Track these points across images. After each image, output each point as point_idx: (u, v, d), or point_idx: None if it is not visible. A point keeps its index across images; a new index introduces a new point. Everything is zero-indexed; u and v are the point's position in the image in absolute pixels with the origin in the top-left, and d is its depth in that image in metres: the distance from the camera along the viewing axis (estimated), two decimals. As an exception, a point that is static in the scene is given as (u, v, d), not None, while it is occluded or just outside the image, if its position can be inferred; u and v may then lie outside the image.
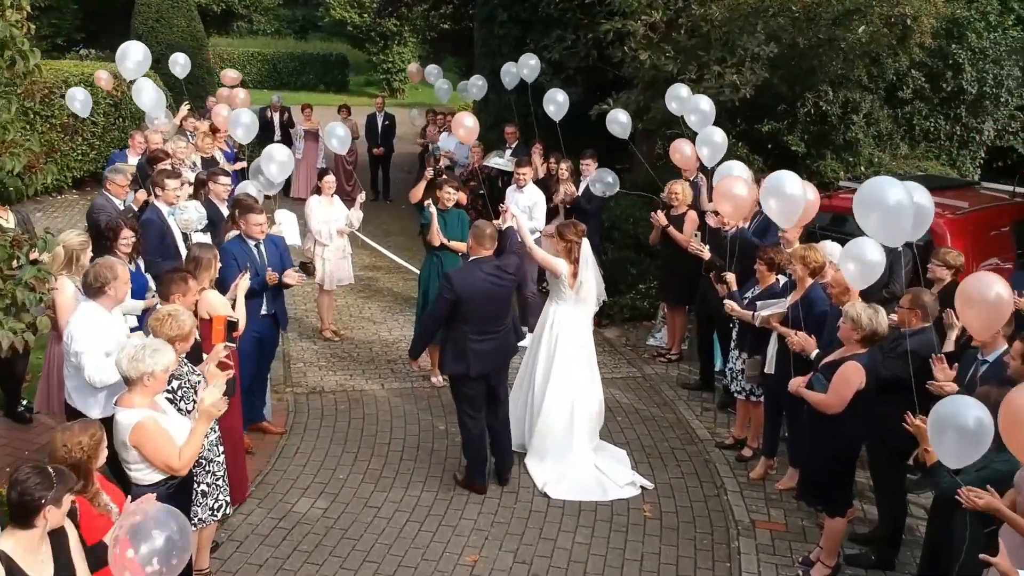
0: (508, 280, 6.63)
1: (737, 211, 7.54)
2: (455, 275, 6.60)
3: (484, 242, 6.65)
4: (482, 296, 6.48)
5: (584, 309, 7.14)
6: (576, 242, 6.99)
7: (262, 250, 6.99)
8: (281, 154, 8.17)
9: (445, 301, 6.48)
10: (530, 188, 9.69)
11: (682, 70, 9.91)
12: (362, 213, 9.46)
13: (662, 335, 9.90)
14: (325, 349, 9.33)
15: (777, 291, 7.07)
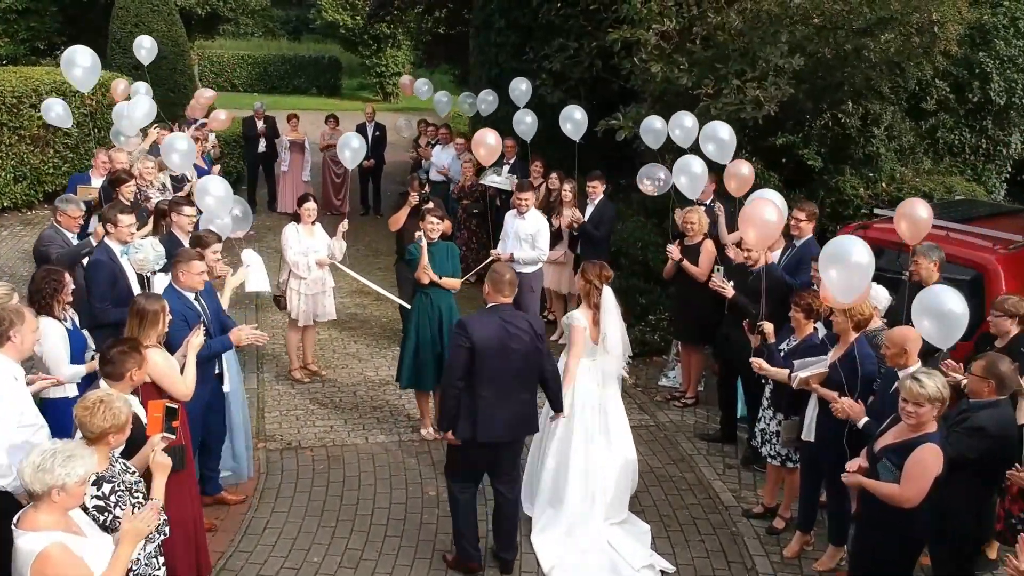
0: (528, 336, 5.63)
1: (762, 240, 6.70)
2: (471, 322, 5.66)
3: (503, 288, 5.70)
4: (498, 346, 5.54)
5: (608, 363, 6.27)
6: (597, 287, 6.14)
7: (203, 303, 6.03)
8: (218, 188, 7.25)
9: (462, 351, 5.51)
10: (532, 214, 8.81)
11: (697, 84, 9.03)
12: (345, 243, 8.57)
13: (675, 374, 9.03)
14: (304, 394, 8.43)
15: (816, 343, 6.20)
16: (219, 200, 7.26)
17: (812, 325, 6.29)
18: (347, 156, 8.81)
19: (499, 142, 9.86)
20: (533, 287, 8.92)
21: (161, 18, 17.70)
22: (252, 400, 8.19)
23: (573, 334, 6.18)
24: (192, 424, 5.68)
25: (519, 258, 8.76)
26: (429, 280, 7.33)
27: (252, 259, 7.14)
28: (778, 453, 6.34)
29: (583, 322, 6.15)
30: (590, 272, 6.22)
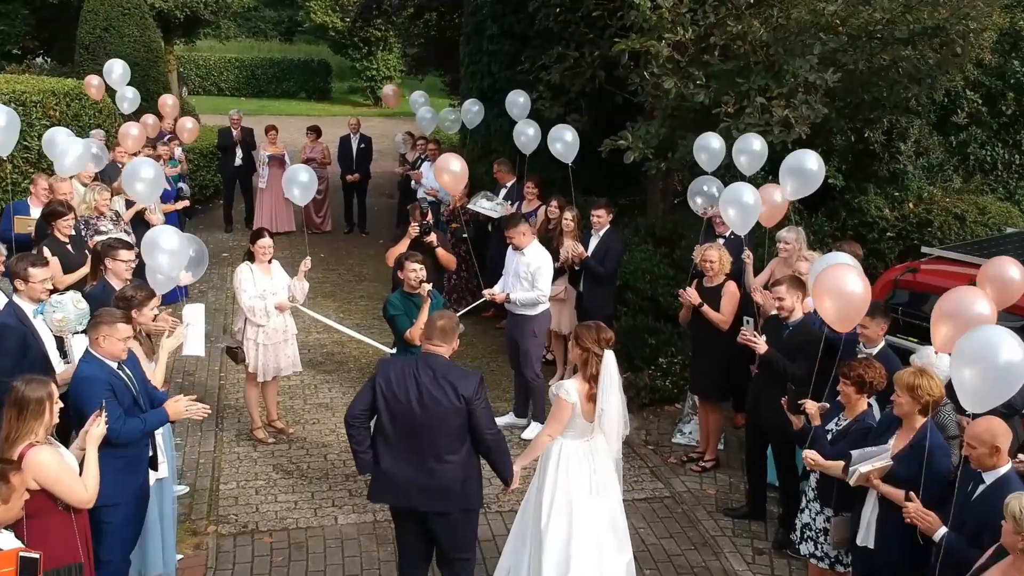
0: (447, 402, 4.72)
1: (845, 318, 5.34)
2: (388, 362, 5.03)
3: (432, 334, 4.87)
4: (403, 400, 4.74)
5: (604, 446, 5.21)
6: (596, 353, 5.06)
7: (128, 373, 4.93)
8: (170, 240, 6.11)
9: (367, 386, 4.86)
10: (534, 249, 7.73)
11: (716, 101, 7.98)
12: (307, 284, 7.48)
13: (691, 429, 7.97)
14: (266, 458, 7.34)
15: (870, 424, 5.15)
16: (172, 255, 6.12)
17: (865, 401, 5.23)
18: (296, 194, 7.69)
19: (464, 169, 8.78)
20: (536, 331, 7.84)
21: (132, 21, 16.60)
22: (207, 466, 7.13)
23: (559, 408, 5.10)
24: (109, 535, 4.64)
25: (515, 299, 7.70)
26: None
27: (195, 316, 6.04)
28: (825, 554, 5.28)
29: (573, 397, 5.06)
30: (586, 337, 5.11)
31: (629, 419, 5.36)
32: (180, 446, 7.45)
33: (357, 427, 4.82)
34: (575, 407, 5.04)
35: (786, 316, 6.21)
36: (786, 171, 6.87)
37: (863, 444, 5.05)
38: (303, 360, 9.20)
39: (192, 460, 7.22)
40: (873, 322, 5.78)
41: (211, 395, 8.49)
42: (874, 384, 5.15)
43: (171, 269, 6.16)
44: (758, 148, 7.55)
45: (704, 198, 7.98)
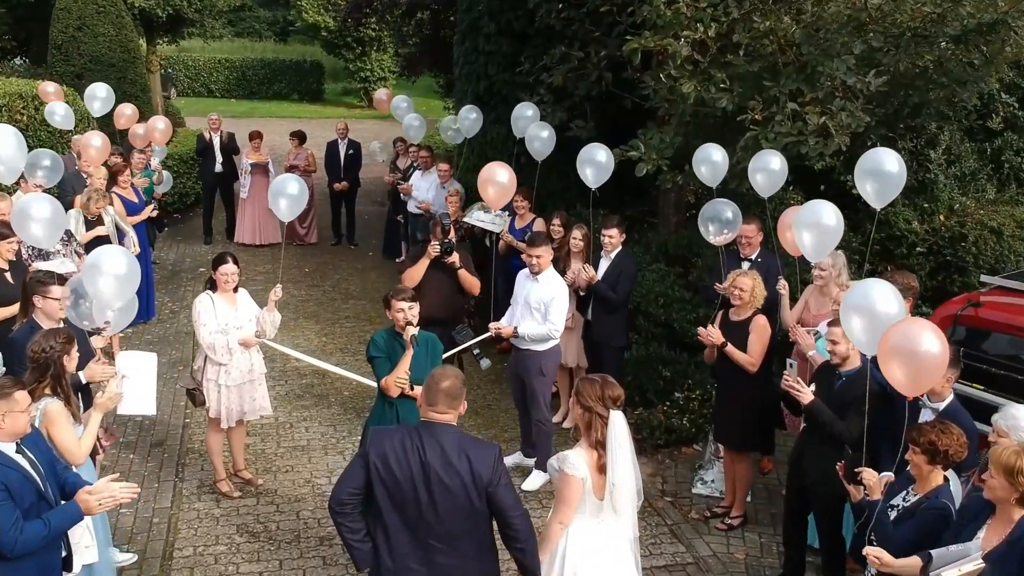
0: (460, 484, 3.81)
1: (918, 386, 4.40)
2: (383, 433, 3.99)
3: (436, 400, 3.92)
4: (410, 487, 3.81)
5: (618, 526, 4.28)
6: (601, 415, 4.13)
7: (30, 456, 3.94)
8: (117, 264, 5.09)
9: (357, 463, 3.91)
10: (548, 277, 6.80)
11: (740, 107, 7.08)
12: (278, 316, 6.55)
13: (713, 476, 7.06)
14: (230, 516, 6.41)
15: (945, 506, 4.25)
16: (119, 281, 5.14)
17: (941, 474, 4.33)
18: (282, 207, 6.71)
19: (513, 180, 7.84)
20: (544, 369, 6.91)
21: (108, 20, 15.63)
22: (162, 527, 6.21)
23: (566, 488, 4.15)
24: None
25: (524, 334, 6.77)
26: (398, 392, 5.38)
27: (139, 367, 5.11)
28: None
29: (581, 470, 4.11)
30: (589, 395, 4.14)
31: (640, 465, 4.40)
32: (133, 501, 6.52)
33: (347, 514, 3.85)
34: (585, 483, 4.12)
35: (839, 363, 5.32)
36: (864, 174, 5.82)
37: (936, 529, 4.17)
38: (278, 393, 8.39)
39: (145, 519, 6.31)
40: (942, 379, 4.88)
41: (174, 435, 7.58)
42: (951, 454, 4.25)
43: (112, 298, 5.18)
44: (777, 167, 6.65)
45: (718, 225, 6.89)
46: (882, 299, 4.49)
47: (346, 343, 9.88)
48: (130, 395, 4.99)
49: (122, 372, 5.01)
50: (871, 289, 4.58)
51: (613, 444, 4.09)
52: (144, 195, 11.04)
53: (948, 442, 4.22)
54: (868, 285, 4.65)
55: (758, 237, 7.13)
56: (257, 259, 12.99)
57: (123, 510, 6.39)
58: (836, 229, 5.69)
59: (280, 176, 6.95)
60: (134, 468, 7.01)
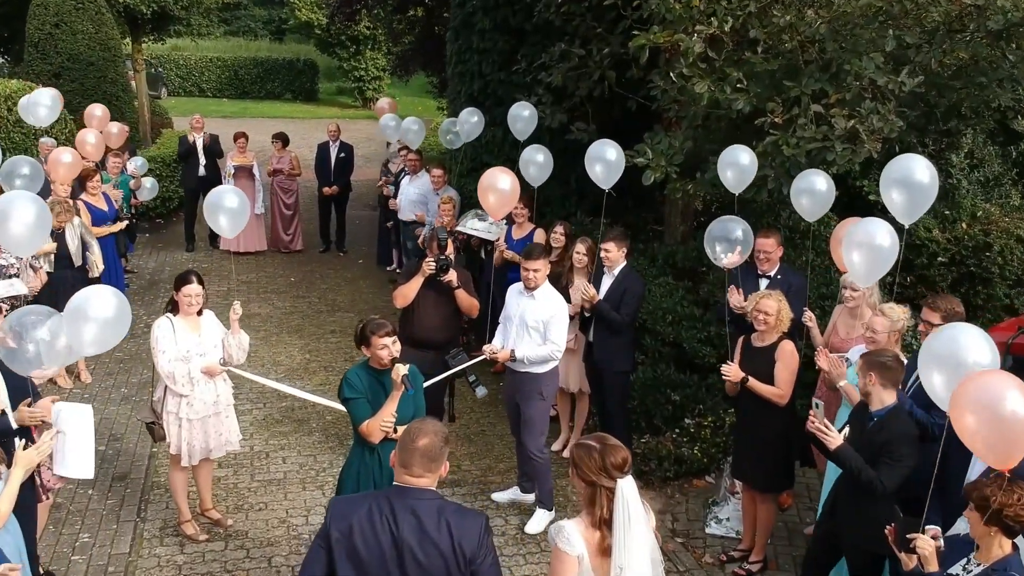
0: (448, 561, 3.19)
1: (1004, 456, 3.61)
2: (345, 503, 3.36)
3: (411, 463, 3.28)
4: (379, 564, 3.19)
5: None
6: (606, 487, 3.40)
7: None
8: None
9: (317, 544, 3.27)
10: (545, 293, 6.15)
11: (758, 109, 6.45)
12: (246, 337, 5.90)
13: (729, 514, 6.43)
14: (195, 563, 5.77)
15: (1014, 574, 3.62)
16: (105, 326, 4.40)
17: (1008, 542, 3.69)
18: (222, 224, 5.99)
19: (516, 188, 7.21)
20: (544, 393, 6.26)
21: (87, 17, 14.99)
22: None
23: (556, 563, 3.42)
24: None
25: (522, 357, 6.13)
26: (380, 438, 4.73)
27: (70, 421, 4.45)
28: None
29: (577, 547, 3.38)
30: (588, 467, 3.36)
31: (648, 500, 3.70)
32: (88, 545, 5.90)
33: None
34: (581, 562, 3.45)
35: (868, 402, 4.71)
36: (890, 183, 5.25)
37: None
38: (255, 418, 7.78)
39: (98, 568, 5.66)
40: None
41: (138, 467, 6.95)
42: (1006, 515, 3.57)
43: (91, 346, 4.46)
44: (824, 188, 6.01)
45: (726, 245, 6.22)
46: (973, 347, 3.81)
47: (331, 360, 9.24)
48: (67, 454, 4.33)
49: (58, 427, 4.34)
50: (959, 335, 3.90)
51: (621, 520, 3.39)
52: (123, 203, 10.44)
53: (1006, 500, 3.54)
54: (955, 330, 3.97)
55: (778, 252, 6.49)
56: (241, 268, 12.37)
57: (75, 557, 5.76)
58: (891, 251, 5.04)
59: (217, 188, 6.25)
60: (92, 506, 6.37)
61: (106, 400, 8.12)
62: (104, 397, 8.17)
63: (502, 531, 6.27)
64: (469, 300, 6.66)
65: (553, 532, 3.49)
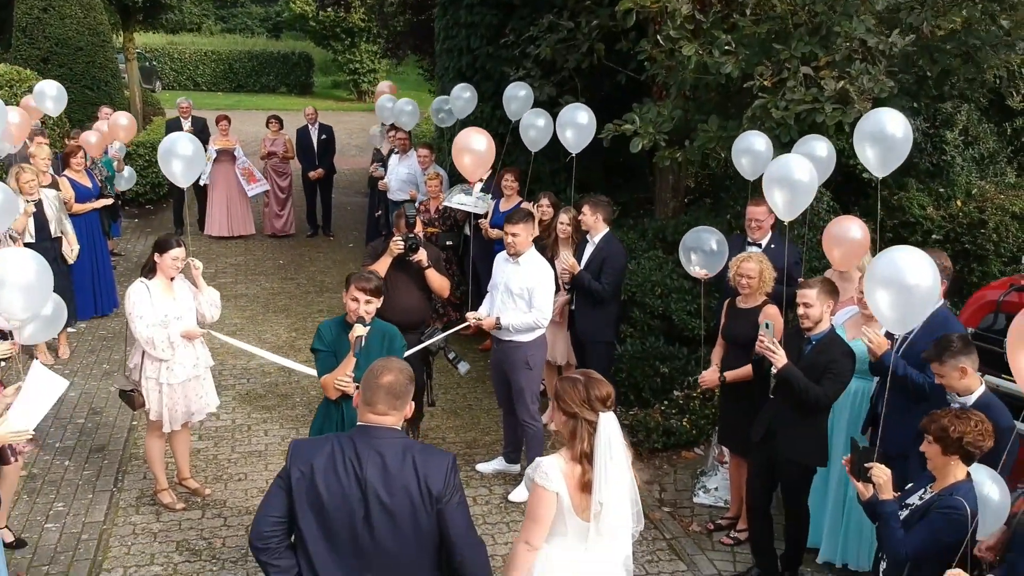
0: (415, 501, 3.08)
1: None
2: (306, 445, 3.20)
3: (375, 399, 3.16)
4: (344, 510, 3.07)
5: (610, 554, 3.51)
6: (588, 420, 3.33)
7: None
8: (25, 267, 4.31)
9: (276, 485, 3.15)
10: (530, 259, 6.03)
11: (747, 73, 6.34)
12: (215, 292, 5.79)
13: (717, 484, 6.33)
14: (171, 532, 5.65)
15: (959, 501, 3.56)
16: (25, 292, 4.35)
17: (963, 469, 3.69)
18: (176, 171, 5.91)
19: (491, 148, 7.11)
20: (531, 362, 6.13)
21: (75, 1, 14.83)
22: (91, 544, 5.45)
23: (537, 503, 3.35)
24: None
25: (508, 325, 6.01)
26: (336, 395, 4.62)
27: (40, 382, 4.28)
28: None
29: (555, 483, 3.32)
30: (571, 398, 3.32)
31: (635, 471, 3.62)
32: (62, 514, 5.78)
33: (271, 549, 3.08)
34: (560, 500, 3.35)
35: (810, 328, 4.89)
36: (863, 137, 5.23)
37: (945, 535, 3.56)
38: (238, 393, 7.66)
39: (72, 535, 5.54)
40: (946, 367, 4.29)
41: (116, 441, 6.82)
42: (967, 442, 3.61)
43: (18, 312, 4.37)
44: (762, 148, 6.03)
45: (700, 256, 6.18)
46: (914, 269, 4.03)
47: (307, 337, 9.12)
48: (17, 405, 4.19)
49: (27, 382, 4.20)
50: (899, 258, 4.10)
51: (603, 455, 3.30)
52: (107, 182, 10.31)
53: (964, 428, 3.62)
54: (896, 253, 4.12)
55: (769, 220, 6.35)
56: (228, 251, 12.26)
57: (48, 525, 5.64)
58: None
59: (171, 134, 6.20)
60: (67, 477, 6.25)
61: (87, 376, 7.99)
62: (85, 373, 8.05)
63: (486, 500, 6.16)
64: (440, 280, 6.29)
65: (531, 470, 3.40)
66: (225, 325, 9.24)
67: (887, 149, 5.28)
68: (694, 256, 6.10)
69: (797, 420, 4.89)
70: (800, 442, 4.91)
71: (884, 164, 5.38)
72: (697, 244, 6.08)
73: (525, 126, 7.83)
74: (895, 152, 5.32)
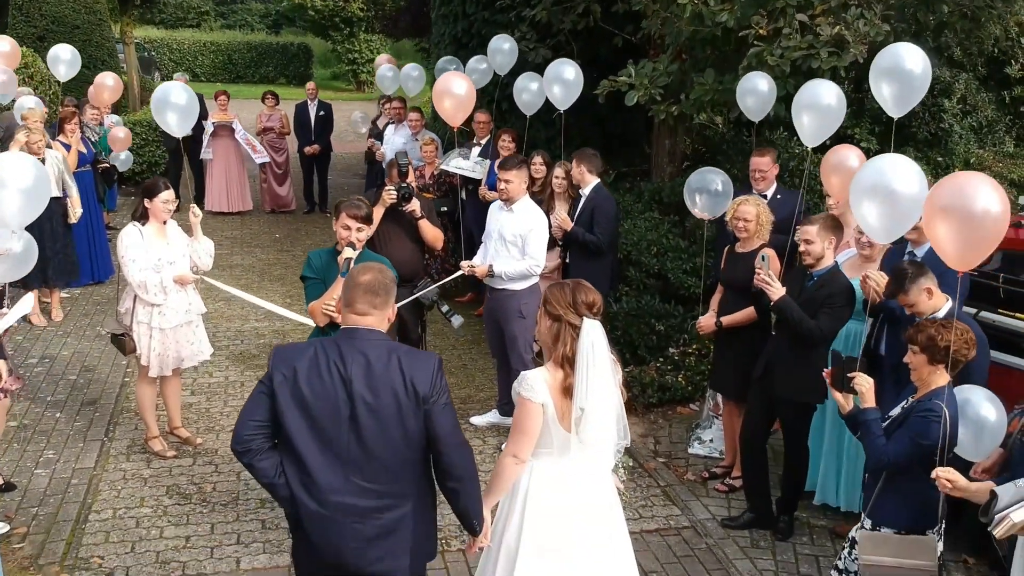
0: (400, 401, 3.03)
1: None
2: (289, 349, 3.18)
3: (355, 297, 3.12)
4: (330, 411, 3.03)
5: (595, 468, 3.47)
6: (572, 324, 3.29)
7: None
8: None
9: (258, 389, 3.11)
10: (524, 206, 6.00)
11: (743, 23, 6.30)
12: (210, 242, 5.78)
13: (712, 436, 6.28)
14: (160, 478, 5.61)
15: (937, 403, 3.57)
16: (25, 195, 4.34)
17: (945, 376, 3.74)
18: (171, 122, 5.83)
19: (472, 93, 7.08)
20: (524, 311, 6.07)
21: (73, -21, 14.84)
22: (80, 488, 5.41)
23: (523, 414, 3.31)
24: None
25: (501, 272, 5.98)
26: (325, 322, 4.59)
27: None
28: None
29: (540, 394, 3.27)
30: (557, 301, 3.29)
31: (629, 425, 3.59)
32: (52, 461, 5.74)
33: (254, 451, 3.04)
34: (546, 410, 3.31)
35: (812, 264, 4.87)
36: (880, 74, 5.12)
37: (922, 438, 3.60)
38: (231, 352, 7.61)
39: (61, 480, 5.50)
40: (911, 293, 4.30)
41: (108, 395, 6.78)
42: (954, 350, 3.65)
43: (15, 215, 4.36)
44: (766, 89, 5.98)
45: (705, 197, 6.09)
46: (901, 177, 3.99)
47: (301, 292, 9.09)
48: None
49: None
50: (886, 165, 4.07)
51: (585, 360, 3.25)
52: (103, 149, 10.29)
53: (951, 337, 3.64)
54: (882, 161, 4.13)
55: (773, 170, 6.31)
56: (226, 225, 12.23)
57: (38, 471, 5.60)
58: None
59: (165, 84, 6.13)
60: (59, 427, 6.21)
61: (80, 336, 7.96)
62: (78, 334, 8.01)
63: (480, 451, 6.11)
64: (433, 231, 6.20)
65: (516, 383, 3.36)
66: (221, 293, 9.23)
67: (904, 86, 5.09)
68: (699, 198, 6.03)
69: (793, 357, 4.86)
70: (796, 380, 4.87)
71: (901, 103, 5.20)
72: (703, 185, 6.02)
73: (519, 90, 7.79)
74: (913, 90, 5.14)
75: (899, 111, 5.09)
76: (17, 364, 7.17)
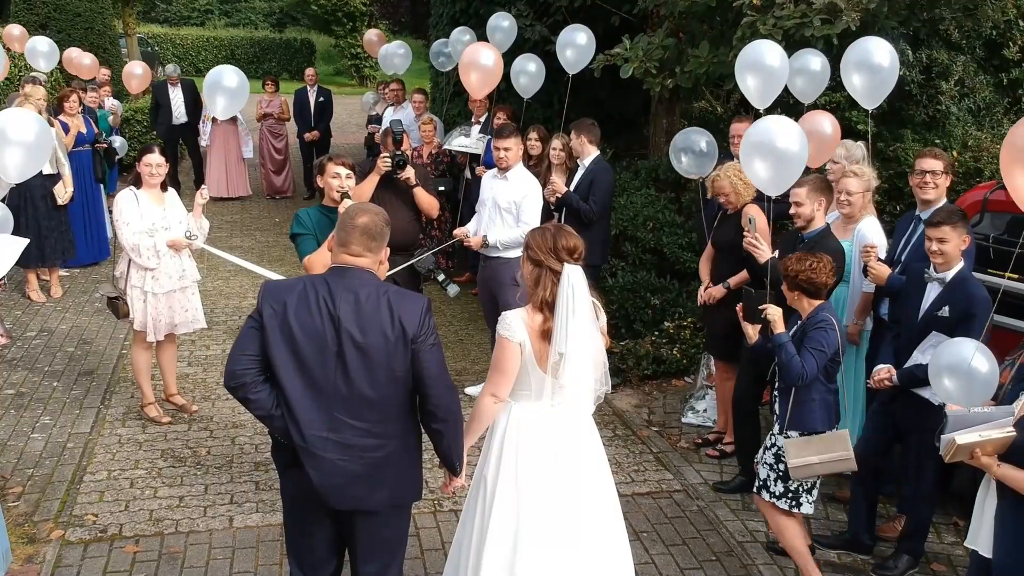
0: (388, 339, 3.04)
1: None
2: (279, 285, 3.18)
3: (349, 238, 3.13)
4: (318, 348, 3.04)
5: (568, 409, 3.45)
6: (552, 268, 3.31)
7: None
8: None
9: (248, 324, 3.10)
10: (518, 173, 6.03)
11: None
12: (207, 223, 5.83)
13: (706, 406, 6.30)
14: (155, 442, 5.65)
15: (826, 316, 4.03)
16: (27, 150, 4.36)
17: (817, 301, 4.18)
18: (220, 105, 5.63)
19: (499, 64, 7.10)
20: (517, 279, 6.05)
21: (74, -33, 14.89)
22: (76, 451, 5.45)
23: (501, 354, 3.35)
24: None
25: (495, 241, 6.00)
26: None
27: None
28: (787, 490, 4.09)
29: (518, 333, 3.31)
30: (538, 245, 3.31)
31: (623, 396, 3.62)
32: (48, 426, 5.78)
33: (247, 384, 3.03)
34: (524, 348, 3.33)
35: (803, 226, 4.90)
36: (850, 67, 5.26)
37: (828, 343, 4.03)
38: (230, 328, 7.65)
39: (57, 444, 5.54)
40: (956, 231, 4.23)
41: (105, 366, 6.83)
42: (801, 279, 4.09)
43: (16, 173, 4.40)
44: (818, 68, 5.74)
45: (691, 157, 6.09)
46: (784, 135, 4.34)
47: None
48: None
49: None
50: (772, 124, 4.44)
51: (565, 305, 3.26)
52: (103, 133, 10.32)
53: (799, 267, 4.08)
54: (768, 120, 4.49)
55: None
56: (225, 210, 12.28)
57: (34, 435, 5.64)
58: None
59: (218, 67, 6.07)
60: (56, 395, 6.26)
61: (79, 312, 8.01)
62: (77, 310, 8.06)
63: (473, 418, 6.13)
64: (429, 199, 6.11)
65: (498, 326, 3.38)
66: (220, 273, 9.29)
67: (873, 78, 5.24)
68: (684, 158, 6.05)
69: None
70: None
71: (871, 94, 5.34)
72: (687, 145, 6.04)
73: (516, 72, 7.76)
74: (883, 82, 5.27)
75: (871, 103, 5.22)
76: (14, 334, 7.22)
